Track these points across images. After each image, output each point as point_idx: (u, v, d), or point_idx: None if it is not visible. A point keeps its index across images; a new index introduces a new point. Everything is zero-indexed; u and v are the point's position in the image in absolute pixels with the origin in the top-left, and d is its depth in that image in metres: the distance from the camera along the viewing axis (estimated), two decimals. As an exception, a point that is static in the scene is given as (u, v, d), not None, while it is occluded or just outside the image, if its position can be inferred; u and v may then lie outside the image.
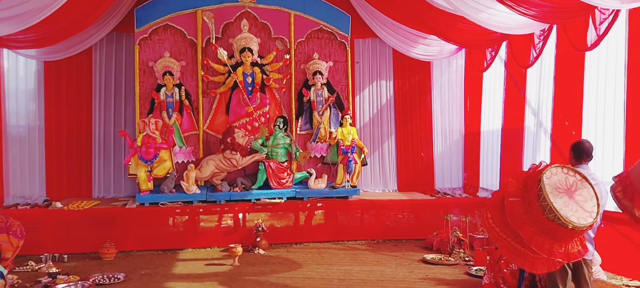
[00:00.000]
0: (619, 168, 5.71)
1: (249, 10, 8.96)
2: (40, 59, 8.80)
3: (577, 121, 6.72)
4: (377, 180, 9.95)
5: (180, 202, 8.13)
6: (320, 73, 9.02)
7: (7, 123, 8.65)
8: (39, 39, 7.64)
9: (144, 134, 8.08)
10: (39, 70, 8.96)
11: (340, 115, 9.09)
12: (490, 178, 9.25)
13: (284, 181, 8.56)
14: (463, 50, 9.68)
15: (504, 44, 8.48)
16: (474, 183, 9.67)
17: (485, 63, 9.04)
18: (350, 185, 8.67)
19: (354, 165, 8.63)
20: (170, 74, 8.58)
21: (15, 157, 8.74)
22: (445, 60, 10.01)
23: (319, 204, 8.42)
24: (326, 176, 8.78)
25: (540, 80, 7.67)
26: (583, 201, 3.68)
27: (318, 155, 9.09)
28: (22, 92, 8.96)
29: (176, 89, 8.64)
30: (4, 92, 8.59)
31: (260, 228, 7.77)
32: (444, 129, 10.14)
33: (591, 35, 6.11)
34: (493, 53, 8.77)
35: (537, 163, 3.86)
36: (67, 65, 8.95)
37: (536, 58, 7.42)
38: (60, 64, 8.89)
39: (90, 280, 6.16)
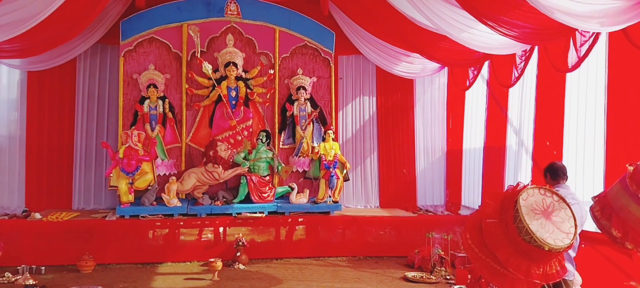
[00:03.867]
0: (599, 188, 5.65)
1: (234, 25, 8.89)
2: (24, 69, 8.63)
3: (558, 141, 6.67)
4: (359, 196, 9.85)
5: (160, 215, 7.97)
6: (304, 88, 8.94)
7: (-12, 132, 8.47)
8: (23, 49, 7.48)
9: (126, 145, 7.92)
10: (22, 80, 8.78)
11: (323, 130, 9.02)
12: (472, 196, 9.17)
13: (265, 195, 8.42)
14: (446, 68, 9.65)
15: (486, 64, 8.44)
16: (456, 201, 9.58)
17: (467, 82, 9.01)
18: (332, 201, 8.56)
19: (336, 180, 8.53)
20: (155, 86, 8.45)
21: (-6, 167, 8.53)
22: (428, 78, 9.99)
23: (300, 219, 8.29)
24: (308, 191, 8.67)
25: (522, 99, 7.63)
26: (560, 222, 3.61)
27: (300, 170, 8.98)
28: (3, 101, 8.79)
29: (160, 102, 8.52)
30: (-14, 101, 8.43)
31: (240, 243, 7.62)
32: (427, 146, 10.08)
33: (572, 57, 6.07)
34: (475, 72, 8.74)
35: (515, 185, 3.79)
36: (51, 76, 8.79)
37: (518, 78, 7.39)
38: (44, 74, 8.72)
39: (65, 293, 5.97)
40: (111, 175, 8.01)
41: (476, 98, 9.10)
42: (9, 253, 6.56)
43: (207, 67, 8.44)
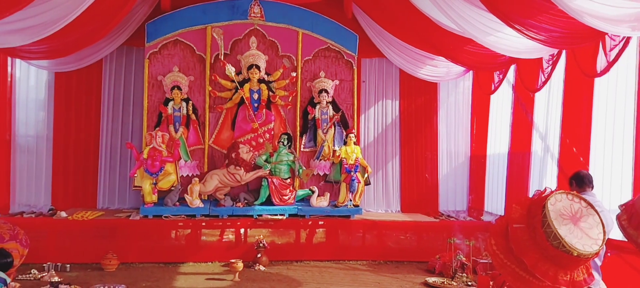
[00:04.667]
0: (626, 197, 5.53)
1: (258, 27, 8.91)
2: (51, 70, 8.77)
3: (585, 147, 6.54)
4: (380, 200, 9.78)
5: (183, 216, 8.02)
6: (326, 91, 8.93)
7: (16, 132, 8.63)
8: (51, 50, 7.60)
9: (151, 146, 7.99)
10: (49, 81, 8.93)
11: (344, 133, 8.98)
12: (495, 202, 9.06)
13: (286, 198, 8.42)
14: (471, 72, 9.55)
15: (512, 68, 8.34)
16: (479, 207, 9.47)
17: (492, 85, 8.90)
18: (353, 205, 8.51)
19: (357, 184, 8.48)
20: (179, 88, 8.53)
21: (22, 166, 8.70)
22: (452, 82, 9.88)
23: (320, 222, 8.27)
24: (328, 194, 8.63)
25: (549, 104, 7.51)
26: (588, 228, 3.55)
27: (321, 173, 8.96)
28: (32, 101, 8.92)
29: (184, 104, 8.59)
30: (15, 101, 8.57)
31: (261, 245, 7.63)
32: (450, 150, 9.97)
33: (601, 62, 5.94)
34: (501, 76, 8.63)
35: (542, 190, 3.73)
36: (78, 77, 8.91)
37: (544, 82, 7.27)
38: (71, 75, 8.85)
39: (90, 291, 6.05)
40: (135, 175, 8.09)
41: (501, 102, 9.00)
42: (35, 250, 6.61)
43: (230, 70, 8.49)
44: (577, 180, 4.45)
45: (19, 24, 6.27)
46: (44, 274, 6.77)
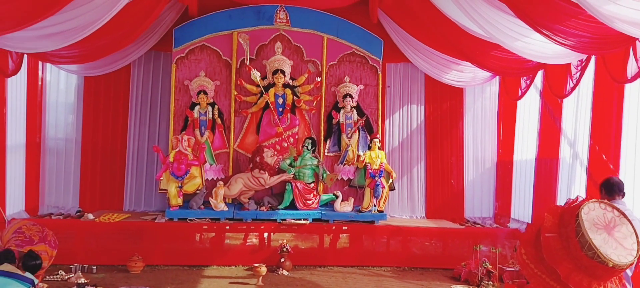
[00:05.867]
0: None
1: (283, 33, 8.96)
2: (81, 74, 8.94)
3: (615, 155, 6.39)
4: (404, 206, 9.71)
5: (208, 219, 8.10)
6: (351, 96, 8.92)
7: (46, 135, 8.81)
8: (80, 55, 7.75)
9: (177, 150, 8.10)
10: (79, 85, 9.11)
11: (368, 138, 8.95)
12: (522, 209, 8.90)
13: (310, 202, 8.42)
14: (497, 77, 9.43)
15: (539, 73, 8.19)
16: (505, 214, 9.32)
17: (519, 91, 8.76)
18: (377, 210, 8.48)
19: (381, 189, 8.43)
20: (205, 92, 8.61)
21: (51, 168, 8.87)
22: (478, 87, 9.77)
23: (344, 227, 8.24)
24: (353, 199, 8.61)
25: (577, 111, 7.37)
26: (622, 238, 3.46)
27: (345, 178, 8.95)
28: (61, 105, 9.13)
29: (209, 108, 8.67)
30: (45, 105, 8.76)
31: (284, 249, 7.63)
32: (476, 156, 9.85)
33: (632, 67, 5.80)
34: (528, 81, 8.49)
35: (573, 198, 3.65)
36: (106, 81, 9.05)
37: (573, 88, 7.13)
38: (100, 79, 9.00)
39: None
40: (161, 178, 8.16)
41: (529, 108, 8.86)
42: (63, 251, 6.70)
43: (256, 75, 8.55)
44: (607, 187, 4.33)
45: (50, 29, 6.42)
46: (71, 275, 6.88)
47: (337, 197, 8.53)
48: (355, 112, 8.99)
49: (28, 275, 4.91)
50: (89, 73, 8.86)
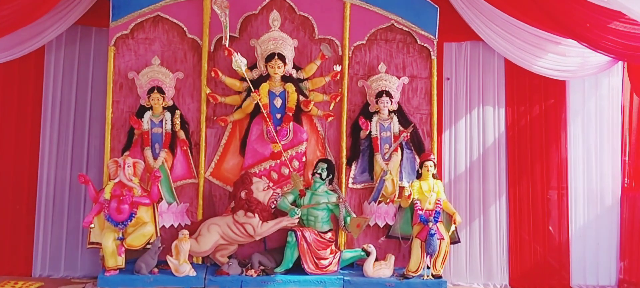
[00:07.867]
0: None
1: (281, -3, 9.07)
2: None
3: None
4: (476, 268, 9.68)
5: (164, 289, 8.11)
6: (388, 94, 8.95)
7: None
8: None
9: (116, 180, 8.13)
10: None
11: (417, 160, 8.96)
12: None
13: (325, 262, 8.43)
14: (620, 63, 9.43)
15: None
16: (637, 280, 9.25)
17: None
18: (432, 275, 8.44)
19: (438, 241, 8.40)
20: (160, 90, 8.66)
21: None
22: (590, 79, 9.77)
23: (380, 304, 8.24)
24: (393, 257, 8.61)
25: None
26: None
27: (381, 224, 8.94)
28: None
29: (167, 114, 8.71)
30: None
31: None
32: (589, 188, 9.80)
33: None
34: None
35: None
36: (6, 72, 9.09)
37: None
38: (-3, 70, 9.07)
39: None
40: (92, 225, 8.17)
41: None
42: None
43: (240, 62, 8.59)
44: None
45: None
46: None
47: (368, 254, 8.52)
48: (395, 119, 9.02)
49: None
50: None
